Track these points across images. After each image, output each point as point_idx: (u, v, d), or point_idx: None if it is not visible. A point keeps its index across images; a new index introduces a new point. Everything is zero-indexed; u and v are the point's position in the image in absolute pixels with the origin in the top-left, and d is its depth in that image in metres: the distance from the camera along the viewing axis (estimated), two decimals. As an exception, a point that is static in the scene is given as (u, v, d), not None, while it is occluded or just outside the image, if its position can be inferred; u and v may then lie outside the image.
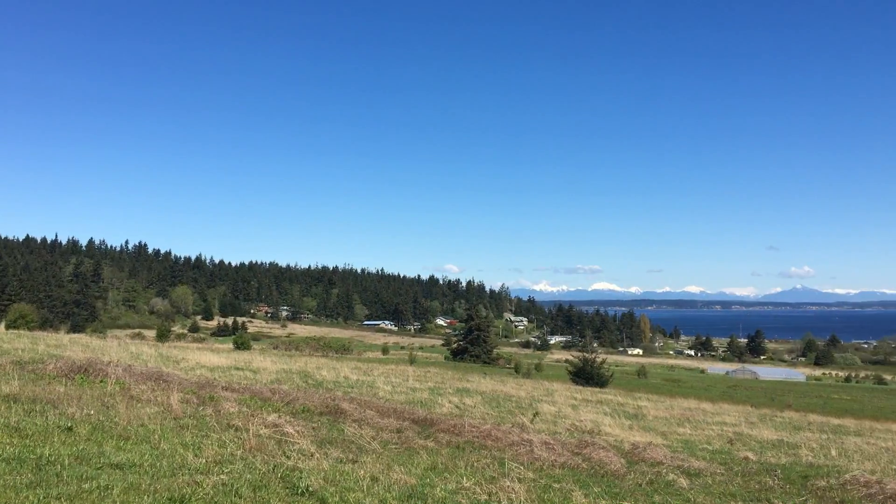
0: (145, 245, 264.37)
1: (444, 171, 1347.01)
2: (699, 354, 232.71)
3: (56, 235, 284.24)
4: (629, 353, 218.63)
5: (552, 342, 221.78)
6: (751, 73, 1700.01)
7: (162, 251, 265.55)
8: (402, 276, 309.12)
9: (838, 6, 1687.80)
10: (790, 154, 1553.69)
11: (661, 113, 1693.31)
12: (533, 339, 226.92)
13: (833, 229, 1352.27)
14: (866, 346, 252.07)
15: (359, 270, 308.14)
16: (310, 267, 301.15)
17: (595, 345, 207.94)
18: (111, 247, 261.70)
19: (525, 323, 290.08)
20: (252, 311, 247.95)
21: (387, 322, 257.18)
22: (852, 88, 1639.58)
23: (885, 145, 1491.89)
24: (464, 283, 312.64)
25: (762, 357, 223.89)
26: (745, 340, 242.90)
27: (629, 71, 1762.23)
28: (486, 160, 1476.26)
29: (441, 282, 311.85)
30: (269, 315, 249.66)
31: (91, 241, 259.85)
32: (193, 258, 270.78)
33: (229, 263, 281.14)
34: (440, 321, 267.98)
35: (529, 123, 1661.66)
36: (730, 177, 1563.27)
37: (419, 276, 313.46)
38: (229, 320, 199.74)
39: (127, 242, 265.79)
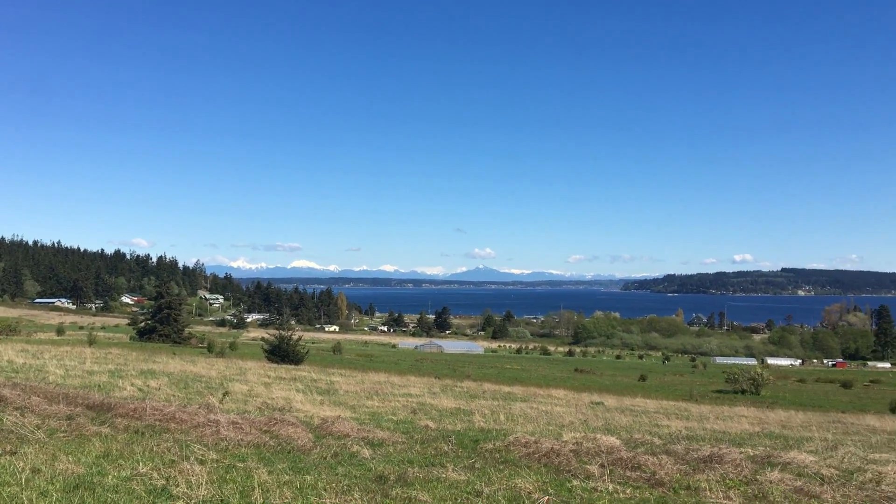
0: None
1: (132, 138, 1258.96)
2: (392, 330, 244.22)
3: None
4: (326, 329, 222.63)
5: (249, 320, 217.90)
6: (456, 62, 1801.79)
7: None
8: (82, 249, 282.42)
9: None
10: (475, 142, 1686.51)
11: (379, 100, 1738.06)
12: (229, 317, 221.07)
13: (510, 213, 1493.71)
14: (535, 320, 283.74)
15: (30, 243, 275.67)
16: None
17: (293, 322, 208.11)
18: None
19: (221, 301, 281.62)
20: None
21: (64, 300, 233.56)
22: (526, 80, 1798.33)
23: (554, 141, 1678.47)
24: (154, 259, 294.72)
25: (448, 332, 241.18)
26: (434, 316, 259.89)
27: (337, 51, 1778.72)
28: (178, 130, 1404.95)
29: (128, 257, 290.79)
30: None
31: None
32: None
33: None
34: (126, 299, 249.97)
35: (229, 96, 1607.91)
36: (422, 160, 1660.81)
37: (103, 250, 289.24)
38: None
39: None
